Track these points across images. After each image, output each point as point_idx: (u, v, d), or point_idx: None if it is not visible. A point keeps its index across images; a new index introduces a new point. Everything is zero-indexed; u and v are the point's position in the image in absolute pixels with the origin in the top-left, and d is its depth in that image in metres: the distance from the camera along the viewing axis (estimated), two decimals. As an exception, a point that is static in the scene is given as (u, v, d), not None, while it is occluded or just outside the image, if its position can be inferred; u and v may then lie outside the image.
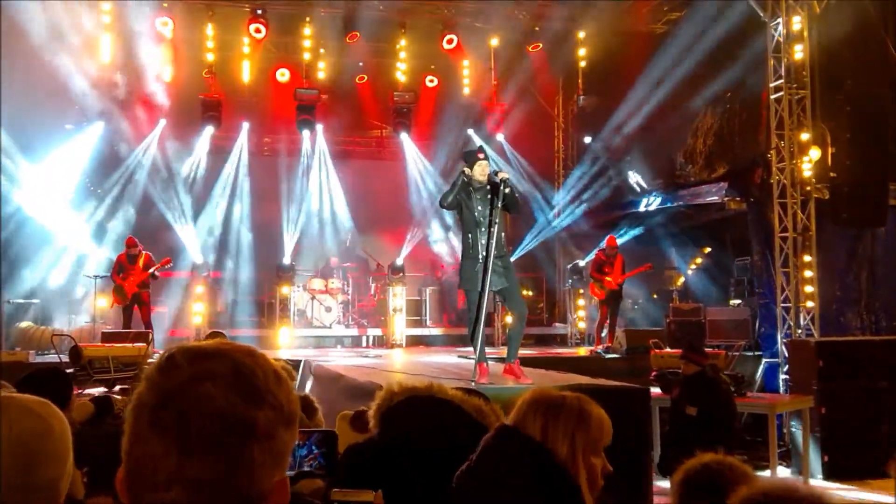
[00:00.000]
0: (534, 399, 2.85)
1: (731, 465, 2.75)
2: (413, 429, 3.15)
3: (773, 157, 13.57)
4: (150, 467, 1.34)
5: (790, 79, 13.45)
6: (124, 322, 15.23)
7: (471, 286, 8.94)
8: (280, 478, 1.42)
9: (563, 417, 2.77)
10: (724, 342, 15.00)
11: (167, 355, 1.44)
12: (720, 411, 8.57)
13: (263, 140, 22.73)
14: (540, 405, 2.81)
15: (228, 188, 20.70)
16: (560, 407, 2.80)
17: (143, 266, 15.23)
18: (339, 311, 19.02)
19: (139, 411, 1.39)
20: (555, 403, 2.81)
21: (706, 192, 15.86)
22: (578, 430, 2.75)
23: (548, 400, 2.84)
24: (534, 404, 2.82)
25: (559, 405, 2.80)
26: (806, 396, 11.62)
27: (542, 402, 2.83)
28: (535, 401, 2.84)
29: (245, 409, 1.37)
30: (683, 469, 2.80)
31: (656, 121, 17.86)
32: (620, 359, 14.99)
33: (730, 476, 2.70)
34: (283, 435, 1.42)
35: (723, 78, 16.27)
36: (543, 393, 2.89)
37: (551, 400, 2.84)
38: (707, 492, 2.71)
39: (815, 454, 11.56)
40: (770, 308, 13.82)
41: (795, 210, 13.27)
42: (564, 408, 2.79)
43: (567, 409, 2.79)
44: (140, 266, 15.21)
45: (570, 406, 2.80)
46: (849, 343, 12.61)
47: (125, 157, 19.44)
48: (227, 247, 20.56)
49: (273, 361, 1.49)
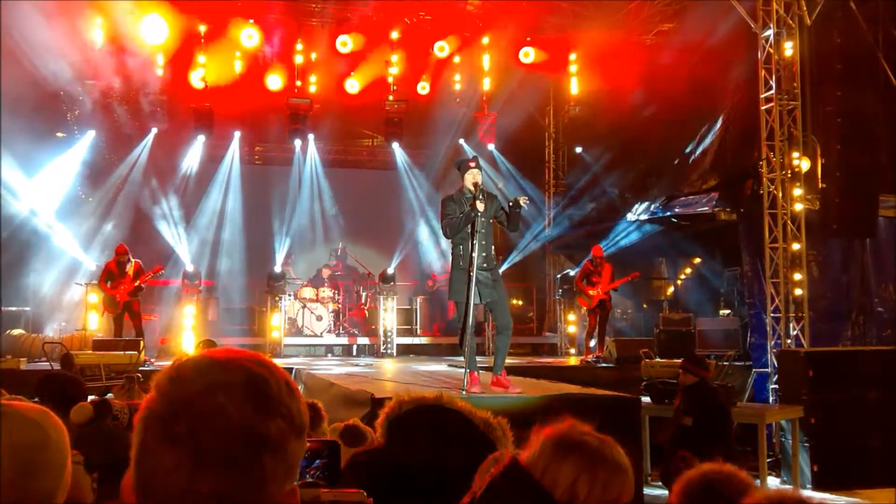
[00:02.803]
0: (551, 434, 2.46)
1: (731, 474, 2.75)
2: (420, 439, 3.12)
3: (764, 169, 13.61)
4: (162, 480, 1.33)
5: (781, 90, 13.48)
6: (115, 331, 15.12)
7: (461, 297, 8.95)
8: (290, 488, 1.41)
9: (573, 460, 2.39)
10: (714, 352, 15.03)
11: (178, 365, 1.42)
12: (717, 421, 8.60)
13: (255, 149, 22.77)
14: (552, 441, 2.44)
15: (220, 197, 20.68)
16: (572, 449, 2.41)
17: (133, 274, 15.14)
18: (330, 320, 18.99)
19: (150, 422, 1.37)
20: (568, 443, 2.42)
21: (697, 203, 15.89)
22: (582, 477, 2.37)
23: (563, 438, 2.44)
24: (547, 440, 2.45)
25: (573, 446, 2.41)
26: (796, 406, 11.65)
27: (555, 439, 2.44)
28: (550, 436, 2.46)
29: (258, 421, 1.35)
30: (683, 479, 2.79)
31: (647, 131, 17.89)
32: (611, 368, 14.99)
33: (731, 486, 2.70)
34: (294, 445, 1.41)
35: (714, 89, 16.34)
36: (563, 430, 2.47)
37: (566, 439, 2.44)
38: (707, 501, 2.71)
39: (804, 464, 11.59)
40: (760, 318, 13.84)
41: (786, 221, 13.30)
42: (577, 451, 2.40)
43: (580, 452, 2.40)
44: (130, 274, 15.13)
45: (586, 450, 2.42)
46: (839, 353, 12.66)
47: (116, 166, 19.41)
48: (218, 255, 20.53)
49: (284, 371, 1.47)
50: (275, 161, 22.80)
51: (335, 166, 22.60)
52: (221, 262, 20.52)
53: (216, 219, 20.53)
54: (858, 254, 14.14)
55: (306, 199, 21.57)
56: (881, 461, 11.32)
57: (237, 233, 20.81)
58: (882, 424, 11.66)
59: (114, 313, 15.17)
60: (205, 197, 20.59)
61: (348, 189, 21.97)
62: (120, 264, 15.15)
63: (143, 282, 15.29)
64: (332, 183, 21.79)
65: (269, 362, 1.46)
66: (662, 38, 18.49)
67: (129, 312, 15.17)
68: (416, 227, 21.72)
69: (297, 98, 19.37)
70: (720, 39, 15.21)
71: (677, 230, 17.63)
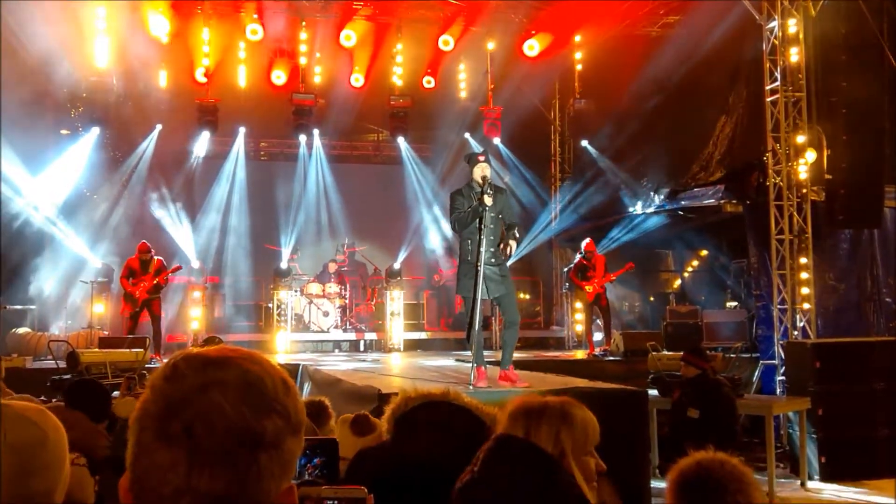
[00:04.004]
0: (515, 407, 2.94)
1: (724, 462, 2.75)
2: (426, 434, 3.11)
3: (770, 160, 13.59)
4: (157, 479, 1.32)
5: (786, 81, 13.46)
6: (130, 328, 14.99)
7: (468, 292, 8.94)
8: (287, 486, 1.40)
9: (546, 421, 2.85)
10: (721, 344, 15.03)
11: (172, 363, 1.40)
12: (722, 414, 8.59)
13: (260, 144, 22.76)
14: (521, 412, 2.90)
15: (225, 193, 20.70)
16: (542, 412, 2.88)
17: (154, 272, 15.11)
18: (337, 316, 18.98)
19: (144, 421, 1.35)
20: (536, 409, 2.90)
21: (703, 195, 15.86)
22: (562, 431, 2.83)
23: (528, 406, 2.92)
24: (515, 412, 2.91)
25: (541, 410, 2.89)
26: (803, 398, 11.63)
27: (522, 409, 2.91)
28: (516, 408, 2.92)
29: (254, 419, 1.34)
30: (677, 468, 2.80)
31: (654, 125, 17.86)
32: (618, 362, 14.98)
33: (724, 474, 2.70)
34: (291, 443, 1.40)
35: (725, 82, 16.32)
36: (525, 400, 2.97)
37: (532, 406, 2.92)
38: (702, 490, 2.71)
39: (812, 455, 11.58)
40: (767, 310, 13.81)
41: (792, 212, 13.28)
42: (546, 412, 2.88)
43: (549, 412, 2.87)
44: (151, 272, 15.10)
45: (552, 409, 2.88)
46: (846, 344, 12.62)
47: (121, 163, 19.42)
48: (224, 252, 20.54)
49: (280, 368, 1.46)
50: (280, 156, 22.82)
51: (340, 161, 22.61)
52: (227, 259, 20.53)
53: (222, 215, 20.55)
54: (866, 244, 14.11)
55: (312, 194, 21.58)
56: (889, 452, 11.32)
57: (243, 229, 20.81)
58: (889, 415, 11.66)
59: (132, 310, 15.09)
60: (210, 193, 20.61)
61: (354, 184, 21.97)
62: (143, 262, 15.09)
63: (164, 280, 15.27)
64: (338, 178, 21.78)
65: (265, 360, 1.45)
66: (668, 31, 18.44)
67: (149, 311, 15.13)
68: (422, 221, 21.71)
69: (302, 93, 19.38)
70: (725, 31, 15.18)
71: (684, 223, 17.60)
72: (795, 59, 13.46)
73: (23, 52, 15.56)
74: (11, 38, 15.19)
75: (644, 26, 18.84)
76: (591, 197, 19.89)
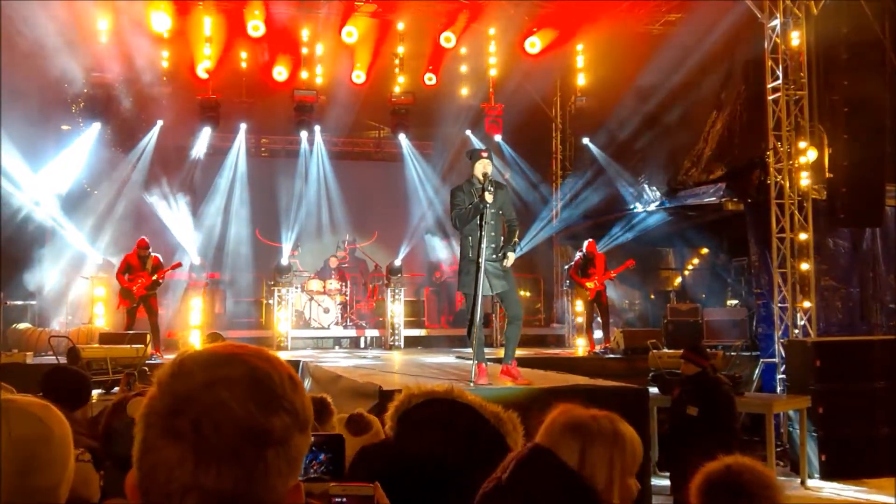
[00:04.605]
0: (568, 423, 2.76)
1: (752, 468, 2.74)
2: (430, 432, 3.10)
3: (771, 158, 13.59)
4: (164, 476, 1.31)
5: (788, 80, 13.46)
6: (127, 323, 14.92)
7: (469, 289, 8.96)
8: (294, 483, 1.40)
9: (600, 442, 2.70)
10: (722, 342, 15.04)
11: (179, 360, 1.40)
12: (722, 411, 8.59)
13: (261, 141, 22.77)
14: (576, 431, 2.72)
15: (226, 189, 20.70)
16: (595, 432, 2.72)
17: (152, 269, 15.07)
18: (338, 312, 18.98)
19: (151, 418, 1.35)
20: (590, 429, 2.73)
21: (704, 193, 15.85)
22: (615, 454, 2.70)
23: (583, 424, 2.75)
24: (569, 429, 2.74)
25: (594, 430, 2.73)
26: (803, 396, 11.64)
27: (577, 428, 2.73)
28: (569, 425, 2.75)
29: (262, 416, 1.33)
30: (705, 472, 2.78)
31: (654, 122, 17.85)
32: (618, 359, 15.01)
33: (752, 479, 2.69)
34: (298, 440, 1.39)
35: (721, 79, 16.31)
36: (576, 416, 2.79)
37: (586, 424, 2.75)
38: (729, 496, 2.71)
39: (812, 454, 11.59)
40: (767, 308, 13.82)
41: (793, 210, 13.28)
42: (600, 432, 2.72)
43: (602, 433, 2.72)
44: (149, 268, 15.06)
45: (605, 429, 2.74)
46: (846, 343, 12.62)
47: (122, 159, 19.41)
48: (225, 248, 20.55)
49: (288, 365, 1.45)
50: (281, 153, 22.83)
51: (341, 158, 22.63)
52: (228, 255, 20.53)
53: (222, 211, 20.56)
54: (867, 243, 14.11)
55: (313, 191, 21.58)
56: (889, 451, 11.34)
57: (243, 225, 20.82)
58: (889, 414, 11.68)
59: (129, 305, 14.96)
60: (211, 189, 20.62)
61: (355, 181, 21.97)
62: (141, 258, 15.02)
63: (162, 277, 15.23)
64: (339, 174, 21.78)
65: (272, 356, 1.44)
66: (669, 28, 18.43)
67: (146, 307, 15.08)
68: (423, 218, 21.71)
69: (304, 90, 19.38)
70: (727, 29, 15.18)
71: (684, 220, 17.60)
72: (797, 57, 13.47)
73: (24, 47, 15.54)
74: (13, 34, 15.18)
75: (646, 24, 18.84)
76: (592, 194, 19.88)
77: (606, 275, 16.08)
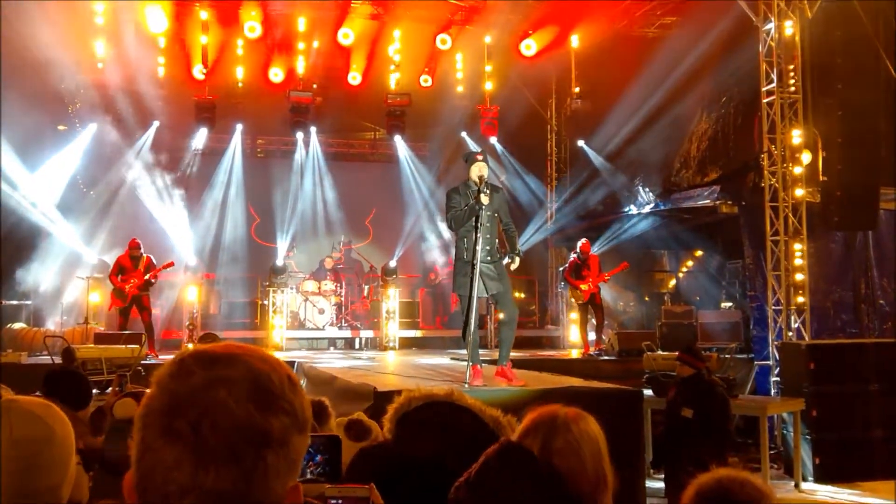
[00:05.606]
0: (533, 418, 2.97)
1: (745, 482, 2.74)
2: (429, 435, 3.08)
3: (765, 161, 13.61)
4: (163, 477, 1.31)
5: (782, 83, 13.48)
6: (121, 324, 14.84)
7: (464, 291, 8.97)
8: (293, 484, 1.40)
9: (562, 431, 2.88)
10: (716, 345, 15.04)
11: (179, 360, 1.39)
12: (716, 414, 8.60)
13: (257, 141, 22.75)
14: (539, 423, 2.93)
15: (222, 190, 20.68)
16: (560, 423, 2.91)
17: (144, 269, 15.03)
18: (333, 313, 18.98)
19: (150, 419, 1.35)
20: (554, 419, 2.93)
21: (698, 196, 15.86)
22: (582, 442, 2.87)
23: (545, 416, 2.95)
24: (532, 422, 2.95)
25: (559, 420, 2.92)
26: (797, 399, 11.66)
27: (540, 420, 2.94)
28: (533, 419, 2.96)
29: (261, 417, 1.33)
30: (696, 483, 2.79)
31: (649, 124, 17.86)
32: (613, 361, 15.01)
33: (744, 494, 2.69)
34: (297, 441, 1.39)
35: (716, 82, 16.34)
36: (539, 411, 3.00)
37: (549, 416, 2.95)
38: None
39: (806, 456, 11.60)
40: (762, 311, 13.84)
41: (787, 213, 13.30)
42: (565, 422, 2.91)
43: (565, 421, 2.91)
44: (141, 269, 15.02)
45: (568, 418, 2.92)
46: (840, 346, 12.65)
47: (118, 159, 19.39)
48: (220, 248, 20.52)
49: (287, 366, 1.45)
50: (277, 154, 22.78)
51: (337, 159, 22.62)
52: (223, 256, 20.51)
53: (218, 212, 20.53)
54: (860, 246, 14.13)
55: (308, 192, 21.56)
56: (883, 453, 11.36)
57: (239, 226, 20.81)
58: (883, 417, 11.69)
59: (121, 305, 14.90)
60: (206, 190, 20.59)
61: (350, 182, 21.96)
62: (133, 258, 14.97)
63: (154, 277, 15.19)
64: (334, 176, 21.77)
65: (272, 357, 1.44)
66: (665, 31, 18.45)
67: (139, 306, 15.02)
68: (418, 220, 21.71)
69: (300, 91, 19.37)
70: (722, 32, 15.20)
71: (679, 223, 17.62)
72: (792, 61, 13.49)
73: (20, 48, 15.52)
74: (9, 34, 15.15)
75: (641, 27, 18.87)
76: (588, 196, 19.90)
77: (601, 277, 16.09)
